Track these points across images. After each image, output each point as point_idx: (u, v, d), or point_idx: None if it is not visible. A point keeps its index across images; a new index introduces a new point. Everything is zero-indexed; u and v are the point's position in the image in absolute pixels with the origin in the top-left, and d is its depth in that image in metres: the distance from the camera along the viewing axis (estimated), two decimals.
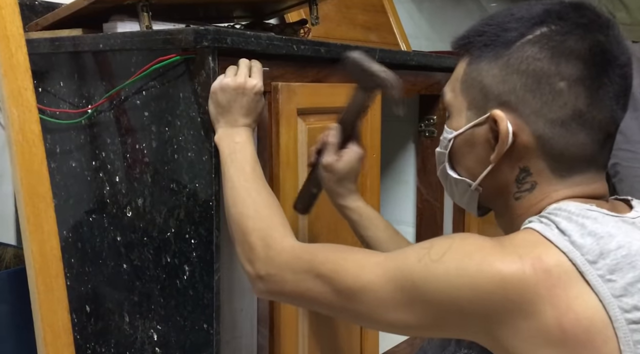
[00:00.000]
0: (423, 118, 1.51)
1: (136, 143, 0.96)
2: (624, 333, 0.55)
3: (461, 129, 0.70)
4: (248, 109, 0.85)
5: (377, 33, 2.00)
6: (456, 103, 0.71)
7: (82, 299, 1.10)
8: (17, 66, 0.93)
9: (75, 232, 1.10)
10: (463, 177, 0.72)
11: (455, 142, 0.71)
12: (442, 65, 1.40)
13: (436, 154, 0.77)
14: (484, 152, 0.68)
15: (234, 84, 0.84)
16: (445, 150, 0.73)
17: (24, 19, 0.97)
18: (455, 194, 0.76)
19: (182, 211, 0.91)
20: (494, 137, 0.66)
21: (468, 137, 0.70)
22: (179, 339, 0.94)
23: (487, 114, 0.67)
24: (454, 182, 0.74)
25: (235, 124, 0.85)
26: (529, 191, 0.67)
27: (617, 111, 0.65)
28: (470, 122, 0.69)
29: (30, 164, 0.93)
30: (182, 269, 0.92)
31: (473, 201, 0.73)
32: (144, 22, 0.96)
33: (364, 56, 0.86)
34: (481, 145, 0.68)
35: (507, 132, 0.64)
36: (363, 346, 1.21)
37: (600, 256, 0.57)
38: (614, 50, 0.64)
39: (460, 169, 0.73)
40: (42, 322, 0.93)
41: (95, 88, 1.02)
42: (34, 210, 0.93)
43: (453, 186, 0.75)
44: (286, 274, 0.71)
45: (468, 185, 0.72)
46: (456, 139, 0.71)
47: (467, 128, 0.69)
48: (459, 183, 0.73)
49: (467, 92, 0.70)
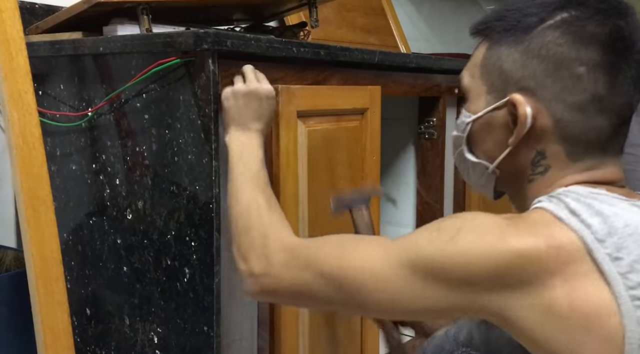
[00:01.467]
0: (422, 120, 1.51)
1: (136, 146, 0.96)
2: (628, 309, 0.56)
3: (480, 113, 0.71)
4: (260, 114, 0.87)
5: (377, 35, 2.00)
6: (475, 87, 0.72)
7: (83, 302, 1.10)
8: (17, 69, 0.93)
9: (75, 235, 1.10)
10: (480, 160, 0.73)
11: (474, 125, 0.72)
12: (442, 67, 1.41)
13: (453, 138, 0.77)
14: (503, 135, 0.69)
15: (246, 89, 0.86)
16: (463, 133, 0.74)
17: (24, 22, 0.97)
18: (471, 177, 0.76)
19: (182, 214, 0.91)
20: (513, 120, 0.67)
21: (487, 121, 0.71)
22: (179, 342, 0.94)
23: (507, 98, 0.67)
24: (471, 165, 0.74)
25: (247, 129, 0.86)
26: (541, 173, 0.68)
27: (634, 96, 0.66)
28: (489, 105, 0.70)
29: (30, 167, 0.93)
30: (183, 272, 0.92)
31: (490, 183, 0.74)
32: (144, 25, 0.97)
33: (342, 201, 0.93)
34: (500, 128, 0.69)
35: (526, 116, 0.65)
36: (364, 348, 1.21)
37: (608, 234, 0.58)
38: (633, 36, 0.65)
39: (477, 152, 0.73)
40: (42, 325, 0.93)
41: (95, 91, 1.02)
42: (34, 213, 0.93)
43: (470, 169, 0.75)
44: (283, 272, 0.71)
45: (485, 168, 0.72)
46: (475, 122, 0.72)
47: (486, 112, 0.70)
48: (477, 166, 0.73)
49: (487, 76, 0.70)
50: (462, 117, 0.74)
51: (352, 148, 1.13)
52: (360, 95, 1.14)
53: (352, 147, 1.13)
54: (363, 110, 1.15)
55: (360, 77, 1.15)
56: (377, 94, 1.18)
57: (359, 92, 1.14)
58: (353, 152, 1.13)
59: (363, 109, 1.15)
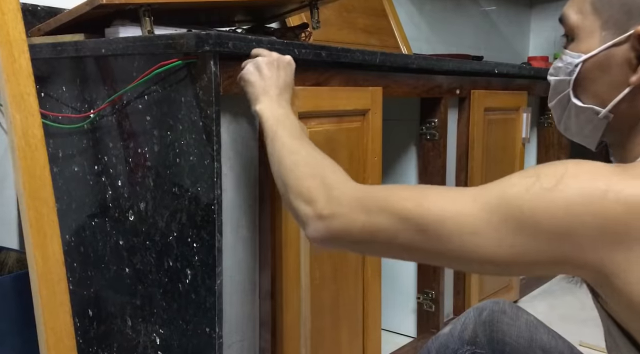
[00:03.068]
0: (424, 121, 1.51)
1: (138, 147, 0.97)
2: None
3: (594, 51, 0.65)
4: (285, 83, 0.87)
5: (378, 36, 2.00)
6: (585, 24, 0.66)
7: (85, 303, 1.10)
8: (19, 71, 0.93)
9: (77, 237, 1.10)
10: (589, 105, 0.67)
11: (584, 66, 0.66)
12: (443, 68, 1.41)
13: (552, 83, 0.71)
14: (621, 74, 0.64)
15: (268, 60, 0.87)
16: (569, 76, 0.68)
17: (27, 24, 0.98)
18: (572, 126, 0.71)
19: (184, 215, 0.91)
20: (637, 56, 0.62)
21: (602, 60, 0.65)
22: (182, 343, 0.94)
23: (630, 31, 0.62)
24: (575, 112, 0.69)
25: (276, 98, 0.86)
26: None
27: None
28: (605, 43, 0.64)
29: (32, 169, 0.93)
30: (185, 273, 0.92)
31: (598, 131, 0.68)
32: (146, 27, 0.97)
33: None
34: (618, 66, 0.64)
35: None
36: (365, 349, 1.21)
37: None
38: None
39: (586, 96, 0.68)
40: (44, 326, 0.93)
41: (97, 93, 1.02)
42: (37, 214, 0.93)
43: (572, 116, 0.70)
44: (355, 213, 0.65)
45: (595, 113, 0.67)
46: (585, 62, 0.66)
47: (602, 49, 0.65)
48: (584, 112, 0.68)
49: (602, 10, 0.65)
50: (567, 58, 0.68)
51: (353, 149, 1.13)
52: (362, 96, 1.14)
53: (353, 148, 1.13)
54: (364, 111, 1.15)
55: (361, 78, 1.16)
56: (379, 95, 1.18)
57: (361, 93, 1.14)
58: (354, 153, 1.14)
59: (364, 110, 1.15)
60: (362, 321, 1.20)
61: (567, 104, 0.70)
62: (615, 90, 0.65)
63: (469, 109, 1.56)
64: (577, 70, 0.67)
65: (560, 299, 2.00)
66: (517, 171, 1.97)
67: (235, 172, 0.94)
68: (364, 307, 1.20)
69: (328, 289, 1.10)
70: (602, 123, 0.67)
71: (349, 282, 1.15)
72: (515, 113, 1.78)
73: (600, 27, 0.65)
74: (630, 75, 0.63)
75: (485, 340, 0.82)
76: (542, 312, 1.84)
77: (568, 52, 0.68)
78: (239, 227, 0.96)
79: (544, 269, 0.60)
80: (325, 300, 1.10)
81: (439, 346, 0.85)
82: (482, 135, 1.62)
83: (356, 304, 1.18)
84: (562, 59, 0.69)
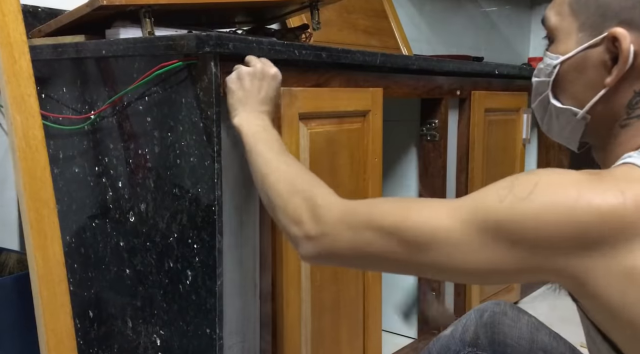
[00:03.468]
0: (425, 122, 1.51)
1: (139, 148, 0.97)
2: None
3: (571, 52, 0.66)
4: (266, 95, 0.86)
5: (379, 37, 2.00)
6: (563, 26, 0.67)
7: (85, 304, 1.10)
8: (20, 73, 0.93)
9: (78, 238, 1.10)
10: (568, 105, 0.68)
11: (562, 68, 0.67)
12: (444, 69, 1.41)
13: (534, 84, 0.71)
14: (597, 75, 0.64)
15: (251, 70, 0.85)
16: (548, 78, 0.68)
17: (27, 25, 0.98)
18: (554, 127, 0.71)
19: (184, 216, 0.91)
20: (611, 58, 0.63)
21: (579, 61, 0.66)
22: (182, 344, 0.94)
23: (605, 33, 0.63)
24: (555, 113, 0.69)
25: (255, 110, 0.84)
26: (638, 117, 0.63)
27: None
28: (582, 44, 0.65)
29: (33, 170, 0.93)
30: (185, 274, 0.92)
31: (577, 132, 0.69)
32: (146, 28, 0.97)
33: None
34: (594, 68, 0.64)
35: (628, 52, 0.61)
36: (366, 350, 1.21)
37: None
38: None
39: (564, 98, 0.68)
40: (45, 327, 0.93)
41: (97, 94, 1.02)
42: (37, 216, 0.93)
43: (553, 118, 0.70)
44: (341, 231, 0.66)
45: (573, 114, 0.67)
46: (563, 64, 0.67)
47: (579, 51, 0.65)
48: (563, 113, 0.68)
49: (579, 12, 0.65)
50: (547, 59, 0.69)
51: (354, 150, 1.13)
52: (362, 97, 1.14)
53: (354, 149, 1.13)
54: (365, 112, 1.15)
55: (362, 79, 1.16)
56: (379, 96, 1.18)
57: (361, 94, 1.14)
58: (355, 154, 1.14)
59: (365, 111, 1.15)
60: (362, 322, 1.20)
61: (547, 105, 0.70)
62: (591, 91, 0.65)
63: (469, 110, 1.56)
64: (555, 71, 0.68)
65: (561, 301, 2.00)
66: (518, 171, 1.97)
67: (236, 173, 0.94)
68: (365, 308, 1.20)
69: (328, 290, 1.10)
70: (580, 124, 0.68)
71: (349, 283, 1.15)
72: (515, 114, 1.78)
73: (577, 29, 0.66)
74: (605, 76, 0.64)
75: (487, 342, 0.82)
76: (543, 313, 1.84)
77: (548, 54, 0.69)
78: (239, 228, 0.96)
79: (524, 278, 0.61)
80: (325, 301, 1.10)
81: (440, 348, 0.85)
82: (483, 136, 1.62)
83: (357, 305, 1.18)
84: (543, 61, 0.70)
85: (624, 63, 0.61)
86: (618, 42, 0.62)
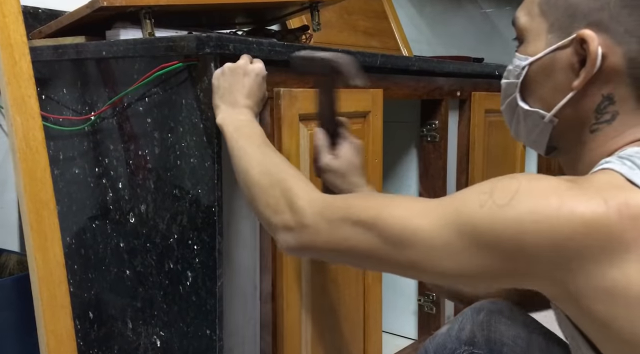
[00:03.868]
0: (425, 123, 1.51)
1: (139, 149, 0.97)
2: None
3: (540, 54, 0.65)
4: (249, 90, 0.84)
5: (379, 38, 2.01)
6: (533, 27, 0.66)
7: (86, 306, 1.10)
8: (20, 74, 0.93)
9: (78, 239, 1.10)
10: (535, 108, 0.66)
11: (531, 69, 0.66)
12: (444, 70, 1.41)
13: (503, 86, 0.70)
14: (565, 78, 0.63)
15: (234, 66, 0.83)
16: (516, 79, 0.67)
17: (28, 26, 0.98)
18: (522, 130, 0.70)
19: (184, 217, 0.91)
20: (580, 60, 0.61)
21: (547, 63, 0.64)
22: (182, 346, 0.94)
23: (573, 35, 0.62)
24: (523, 115, 0.68)
25: (237, 105, 0.83)
26: (607, 122, 0.62)
27: None
28: (550, 45, 0.64)
29: (33, 171, 0.93)
30: (185, 275, 0.92)
31: (544, 135, 0.67)
32: (147, 29, 0.97)
33: (307, 51, 0.86)
34: (562, 70, 0.63)
35: (596, 55, 0.59)
36: (366, 351, 1.21)
37: None
38: None
39: (532, 100, 0.67)
40: (45, 328, 0.93)
41: (98, 95, 1.02)
42: (38, 217, 0.93)
43: (521, 121, 0.69)
44: (320, 223, 0.65)
45: (541, 117, 0.66)
46: (532, 65, 0.65)
47: (547, 52, 0.64)
48: (530, 116, 0.67)
49: (549, 13, 0.64)
50: (515, 61, 0.68)
51: None
52: (362, 98, 1.14)
53: None
54: (365, 113, 1.15)
55: None
56: (379, 97, 1.18)
57: (361, 95, 1.14)
58: None
59: (365, 112, 1.15)
60: (362, 323, 1.20)
61: (515, 107, 0.69)
62: (559, 94, 0.64)
63: (469, 111, 1.56)
64: (524, 73, 0.67)
65: None
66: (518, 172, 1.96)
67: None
68: (365, 309, 1.20)
69: (329, 291, 1.10)
70: (548, 127, 0.66)
71: (350, 284, 1.15)
72: None
73: (546, 30, 0.65)
74: (573, 79, 0.62)
75: (483, 341, 0.82)
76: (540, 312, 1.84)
77: (517, 55, 0.68)
78: (239, 229, 0.96)
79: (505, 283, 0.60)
80: (326, 302, 1.10)
81: (437, 346, 0.84)
82: (483, 137, 1.62)
83: (357, 306, 1.18)
84: (512, 62, 0.69)
85: (591, 66, 0.60)
86: (586, 44, 0.60)
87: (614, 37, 0.60)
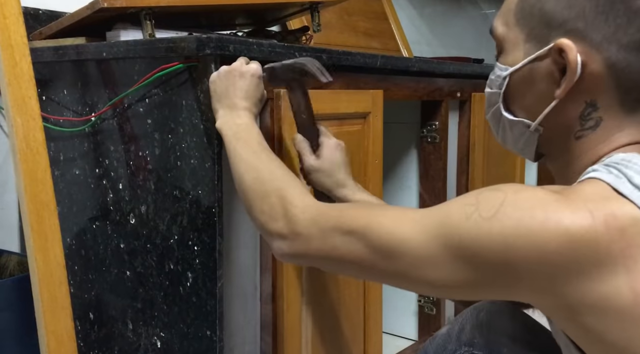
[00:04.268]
0: (425, 124, 1.51)
1: (139, 150, 0.97)
2: None
3: (518, 64, 0.64)
4: (247, 92, 0.83)
5: (379, 39, 2.01)
6: (510, 36, 0.65)
7: (86, 307, 1.10)
8: (21, 75, 0.93)
9: (78, 240, 1.10)
10: (520, 118, 0.66)
11: (512, 79, 0.65)
12: (444, 71, 1.41)
13: (486, 95, 0.70)
14: (546, 87, 0.62)
15: (229, 68, 0.83)
16: (499, 90, 0.67)
17: (28, 28, 0.98)
18: (508, 139, 0.69)
19: (185, 218, 0.91)
20: (559, 69, 0.61)
21: (527, 73, 0.64)
22: (182, 347, 0.94)
23: (551, 44, 0.61)
24: (508, 125, 0.68)
25: (235, 108, 0.83)
26: (592, 128, 0.61)
27: None
28: (529, 55, 0.63)
29: (34, 172, 0.93)
30: (185, 276, 0.92)
31: (531, 144, 0.67)
32: (147, 30, 0.97)
33: (276, 63, 0.87)
34: (543, 80, 0.63)
35: (576, 63, 0.59)
36: (367, 352, 1.21)
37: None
38: None
39: (516, 110, 0.66)
40: (45, 329, 0.93)
41: (98, 96, 1.02)
42: (38, 218, 0.93)
43: (507, 130, 0.68)
44: (312, 232, 0.66)
45: (526, 126, 0.66)
46: (512, 75, 0.65)
47: (526, 62, 0.63)
48: (515, 125, 0.67)
49: (524, 22, 0.64)
50: (496, 71, 0.67)
51: (354, 152, 1.13)
52: (363, 99, 1.14)
53: (354, 151, 1.13)
54: (365, 114, 1.15)
55: (362, 81, 1.16)
56: (380, 98, 1.18)
57: (361, 96, 1.14)
58: (355, 156, 1.14)
59: (365, 113, 1.15)
60: (363, 324, 1.20)
61: (500, 117, 0.69)
62: (542, 103, 0.64)
63: (469, 111, 1.56)
64: (505, 83, 0.66)
65: None
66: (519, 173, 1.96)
67: None
68: (365, 310, 1.20)
69: (329, 292, 1.10)
70: (534, 136, 0.66)
71: (350, 284, 1.15)
72: None
73: (524, 39, 0.64)
74: (555, 88, 0.62)
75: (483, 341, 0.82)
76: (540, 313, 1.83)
77: (498, 65, 0.67)
78: (240, 230, 0.96)
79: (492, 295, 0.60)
80: (326, 303, 1.10)
81: (437, 347, 0.84)
82: (483, 138, 1.62)
83: (357, 307, 1.18)
84: (493, 71, 0.68)
85: (572, 75, 0.60)
86: (565, 54, 0.60)
87: (593, 44, 0.59)
